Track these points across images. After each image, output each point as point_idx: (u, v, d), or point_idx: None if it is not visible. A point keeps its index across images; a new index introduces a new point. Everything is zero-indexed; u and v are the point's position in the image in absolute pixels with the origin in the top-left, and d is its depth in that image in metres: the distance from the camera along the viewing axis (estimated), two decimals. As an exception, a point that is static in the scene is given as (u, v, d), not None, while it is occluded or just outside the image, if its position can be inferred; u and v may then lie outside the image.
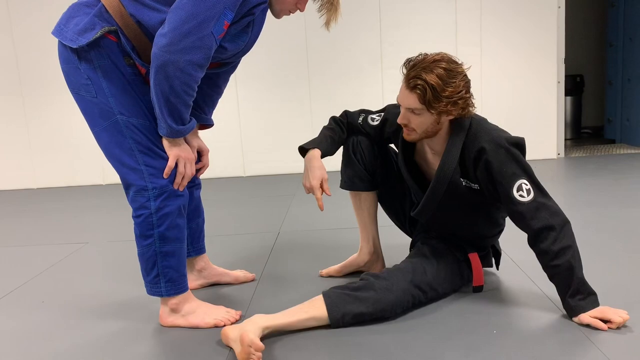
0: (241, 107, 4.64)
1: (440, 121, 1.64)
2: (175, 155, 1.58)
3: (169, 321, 1.70)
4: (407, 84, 1.60)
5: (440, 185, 1.70)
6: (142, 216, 1.58)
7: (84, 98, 1.56)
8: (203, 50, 1.44)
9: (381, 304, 1.62)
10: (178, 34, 1.41)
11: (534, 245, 1.60)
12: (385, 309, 1.63)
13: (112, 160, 1.60)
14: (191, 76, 1.46)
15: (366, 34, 4.54)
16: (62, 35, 1.53)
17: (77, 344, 1.66)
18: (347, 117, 1.97)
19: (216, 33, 1.45)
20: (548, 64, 4.58)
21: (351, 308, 1.60)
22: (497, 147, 1.59)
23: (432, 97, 1.56)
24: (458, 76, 1.57)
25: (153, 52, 1.44)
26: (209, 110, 1.85)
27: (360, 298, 1.61)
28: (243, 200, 3.73)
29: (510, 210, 1.61)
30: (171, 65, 1.42)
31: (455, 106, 1.58)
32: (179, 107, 1.50)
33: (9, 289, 2.17)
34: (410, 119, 1.65)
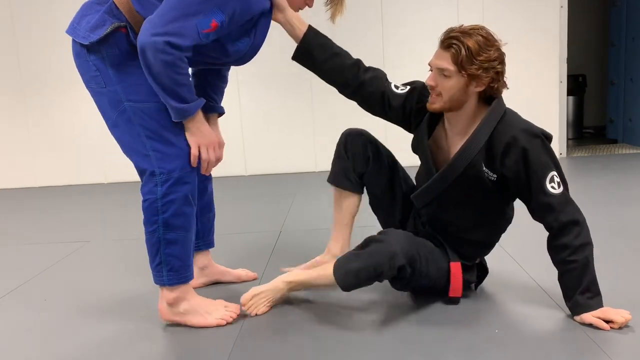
0: (243, 106, 4.63)
1: (469, 90, 1.60)
2: (195, 143, 1.60)
3: (168, 316, 1.70)
4: (443, 44, 1.61)
5: (459, 164, 1.63)
6: (148, 201, 1.60)
7: (96, 90, 1.60)
8: (181, 37, 1.46)
9: (375, 258, 1.57)
10: (162, 20, 1.45)
11: (555, 238, 1.58)
12: (379, 262, 1.56)
13: (125, 149, 1.64)
14: (172, 55, 1.46)
15: (368, 33, 4.54)
16: (75, 33, 1.58)
17: (79, 343, 1.66)
18: (374, 71, 1.84)
19: (200, 27, 1.48)
20: (550, 64, 4.57)
21: (351, 265, 1.60)
22: (533, 137, 1.58)
23: (465, 58, 1.54)
24: (494, 46, 1.58)
25: (138, 36, 1.48)
26: (218, 99, 1.89)
27: (358, 254, 1.61)
28: (245, 199, 3.73)
29: (538, 201, 1.58)
30: (148, 46, 1.44)
31: (487, 73, 1.57)
32: (173, 87, 1.50)
33: (11, 288, 2.17)
34: (438, 82, 1.61)
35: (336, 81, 1.83)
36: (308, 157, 4.65)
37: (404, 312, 1.72)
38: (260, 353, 1.51)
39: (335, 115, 4.65)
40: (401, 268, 1.59)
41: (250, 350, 1.53)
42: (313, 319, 1.71)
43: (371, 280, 1.60)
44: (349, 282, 1.60)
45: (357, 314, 1.74)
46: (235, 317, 1.70)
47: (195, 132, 1.60)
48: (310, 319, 1.71)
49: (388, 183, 1.93)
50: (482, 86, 1.60)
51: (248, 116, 4.66)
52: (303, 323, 1.68)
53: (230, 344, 1.57)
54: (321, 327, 1.64)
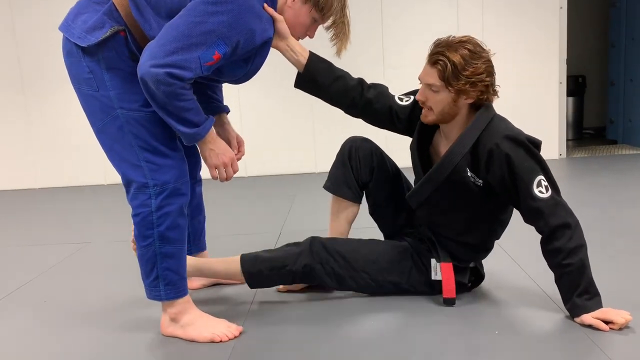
0: (243, 107, 4.63)
1: (458, 103, 1.62)
2: (212, 166, 1.58)
3: (168, 331, 1.66)
4: (430, 60, 1.62)
5: (444, 168, 1.65)
6: (141, 215, 1.54)
7: (85, 92, 1.53)
8: (184, 70, 1.41)
9: (286, 252, 1.76)
10: (164, 50, 1.40)
11: (548, 242, 1.58)
12: (287, 256, 1.76)
13: (113, 157, 1.57)
14: (174, 85, 1.41)
15: (367, 34, 4.54)
16: (70, 32, 1.50)
17: (75, 347, 1.65)
18: (377, 87, 1.85)
19: (203, 60, 1.43)
20: (550, 65, 4.57)
21: (260, 255, 1.77)
22: (517, 143, 1.59)
23: (451, 74, 1.56)
24: (481, 59, 1.59)
25: (138, 65, 1.42)
26: (220, 97, 1.88)
27: (270, 250, 1.80)
28: (245, 201, 3.73)
29: (527, 206, 1.59)
30: (150, 78, 1.40)
31: (474, 87, 1.59)
32: (180, 114, 1.46)
33: (11, 289, 2.17)
34: (428, 96, 1.64)
35: (342, 103, 1.83)
36: (308, 158, 4.65)
37: (404, 313, 1.72)
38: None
39: (335, 116, 4.64)
40: (306, 265, 1.74)
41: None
42: (309, 333, 1.67)
43: (275, 271, 1.75)
44: (256, 267, 1.75)
45: (357, 316, 1.74)
46: (232, 337, 1.61)
47: (209, 154, 1.56)
48: (305, 333, 1.68)
49: (391, 193, 1.93)
50: (472, 99, 1.62)
51: (248, 117, 4.66)
52: (298, 338, 1.66)
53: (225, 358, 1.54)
54: (317, 340, 1.63)
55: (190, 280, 2.00)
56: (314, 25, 1.68)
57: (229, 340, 1.61)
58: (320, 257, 1.75)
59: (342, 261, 1.76)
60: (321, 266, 1.75)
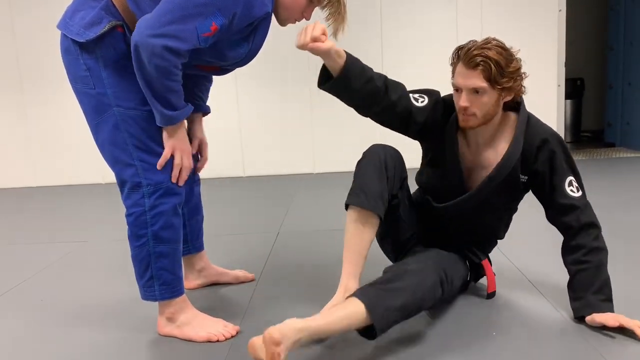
0: (241, 107, 4.63)
1: (499, 102, 1.61)
2: (171, 146, 1.54)
3: (165, 331, 1.65)
4: (468, 64, 1.55)
5: (504, 170, 1.63)
6: (134, 214, 1.54)
7: (81, 90, 1.53)
8: (180, 40, 1.40)
9: (420, 291, 1.47)
10: (159, 21, 1.39)
11: (573, 238, 1.62)
12: (424, 297, 1.48)
13: (107, 156, 1.57)
14: (168, 61, 1.41)
15: (367, 34, 4.54)
16: (68, 29, 1.50)
17: (71, 346, 1.65)
18: (397, 88, 1.71)
19: (200, 31, 1.42)
20: (548, 67, 4.58)
21: (391, 302, 1.42)
22: (560, 141, 1.65)
23: (496, 72, 1.54)
24: (513, 54, 1.60)
25: (132, 35, 1.41)
26: (205, 98, 1.87)
27: (397, 289, 1.44)
28: (243, 201, 3.72)
29: (559, 202, 1.64)
30: (143, 48, 1.39)
31: (516, 83, 1.60)
32: (164, 93, 1.46)
33: (8, 287, 2.17)
34: (472, 101, 1.57)
35: (365, 107, 1.71)
36: (306, 158, 4.65)
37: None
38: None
39: (334, 116, 4.65)
40: (442, 292, 1.57)
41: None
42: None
43: (411, 316, 1.49)
44: (390, 319, 1.41)
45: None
46: (229, 337, 1.61)
47: (172, 135, 1.54)
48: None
49: (410, 205, 1.82)
50: (511, 95, 1.63)
51: (246, 117, 4.66)
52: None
53: (222, 357, 1.54)
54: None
55: (187, 280, 1.99)
56: (310, 6, 1.65)
57: (225, 339, 1.60)
58: (442, 282, 1.56)
59: (450, 282, 1.62)
60: (441, 292, 1.57)
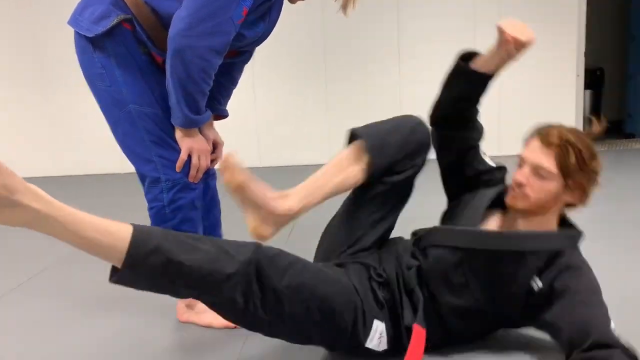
0: (257, 97, 4.65)
1: (560, 199, 1.36)
2: (188, 148, 1.55)
3: (185, 317, 1.69)
4: (545, 140, 1.33)
5: (516, 240, 1.33)
6: (155, 208, 1.58)
7: (98, 88, 1.55)
8: (221, 35, 1.41)
9: (208, 264, 1.14)
10: (196, 18, 1.38)
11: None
12: (212, 271, 1.14)
13: (127, 152, 1.60)
14: (209, 62, 1.43)
15: (383, 24, 4.52)
16: (78, 25, 1.53)
17: (94, 334, 1.69)
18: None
19: (235, 18, 1.41)
20: (567, 57, 4.52)
21: (165, 245, 1.11)
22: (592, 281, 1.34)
23: (574, 163, 1.31)
24: (598, 154, 1.36)
25: (170, 35, 1.41)
26: (224, 101, 1.82)
27: (194, 246, 1.15)
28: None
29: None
30: (188, 50, 1.39)
31: (589, 186, 1.35)
32: (195, 95, 1.47)
33: (31, 274, 2.22)
34: (531, 181, 1.34)
35: (455, 109, 1.52)
36: (322, 148, 4.66)
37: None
38: (269, 356, 1.50)
39: (350, 107, 4.65)
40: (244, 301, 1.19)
41: (260, 352, 1.52)
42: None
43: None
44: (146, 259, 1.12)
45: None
46: None
47: (188, 135, 1.55)
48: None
49: (399, 198, 1.55)
50: (574, 199, 1.37)
51: (262, 108, 4.67)
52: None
53: (240, 344, 1.56)
54: None
55: None
56: None
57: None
58: (248, 284, 1.19)
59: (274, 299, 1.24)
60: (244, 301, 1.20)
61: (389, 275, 1.40)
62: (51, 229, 1.05)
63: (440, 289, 1.36)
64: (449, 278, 1.36)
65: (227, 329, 1.62)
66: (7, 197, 0.95)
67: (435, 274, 1.37)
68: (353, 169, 1.44)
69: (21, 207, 0.98)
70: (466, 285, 1.34)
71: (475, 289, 1.34)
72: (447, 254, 1.37)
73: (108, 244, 1.08)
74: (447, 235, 1.40)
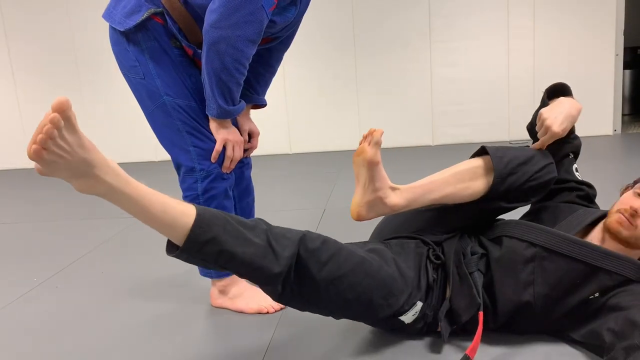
0: (287, 85, 4.65)
1: None
2: (222, 139, 1.57)
3: (218, 302, 1.73)
4: None
5: (584, 252, 1.29)
6: (189, 197, 1.60)
7: (133, 80, 1.58)
8: (254, 24, 1.42)
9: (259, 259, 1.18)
10: (228, 9, 1.39)
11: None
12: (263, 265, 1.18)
13: (163, 141, 1.63)
14: (243, 52, 1.44)
15: (414, 7, 4.45)
16: (112, 18, 1.56)
17: (131, 318, 1.73)
18: None
19: (267, 6, 1.42)
20: (606, 36, 4.37)
21: (225, 239, 1.16)
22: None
23: None
24: None
25: (204, 29, 1.43)
26: (261, 90, 1.82)
27: (248, 239, 1.18)
28: (289, 177, 3.77)
29: None
30: (223, 41, 1.41)
31: None
32: (230, 86, 1.49)
33: (69, 261, 2.29)
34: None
35: None
36: (352, 135, 4.65)
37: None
38: (300, 341, 1.50)
39: (380, 93, 4.61)
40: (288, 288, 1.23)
41: (291, 337, 1.52)
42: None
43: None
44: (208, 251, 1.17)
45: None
46: (278, 309, 1.66)
47: (222, 126, 1.57)
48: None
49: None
50: None
51: (293, 95, 4.68)
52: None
53: (272, 330, 1.57)
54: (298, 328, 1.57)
55: None
56: None
57: (275, 311, 1.66)
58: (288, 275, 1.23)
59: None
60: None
61: (447, 258, 1.42)
62: (122, 202, 1.15)
63: (504, 280, 1.35)
64: (517, 271, 1.34)
65: (259, 315, 1.65)
66: (86, 169, 1.06)
67: (505, 263, 1.36)
68: (474, 184, 1.42)
69: (97, 179, 1.08)
70: (532, 282, 1.32)
71: (538, 289, 1.32)
72: (522, 247, 1.35)
73: (171, 226, 1.14)
74: (529, 230, 1.38)
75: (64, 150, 0.99)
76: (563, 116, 1.45)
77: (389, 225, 1.59)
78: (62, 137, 0.98)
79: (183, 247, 1.15)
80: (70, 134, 1.00)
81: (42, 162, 0.99)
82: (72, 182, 1.08)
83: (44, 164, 0.99)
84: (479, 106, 4.54)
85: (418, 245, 1.46)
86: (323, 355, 1.41)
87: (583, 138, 1.65)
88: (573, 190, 1.55)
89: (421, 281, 1.39)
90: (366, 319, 1.40)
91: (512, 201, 1.44)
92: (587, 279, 1.30)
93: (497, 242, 1.42)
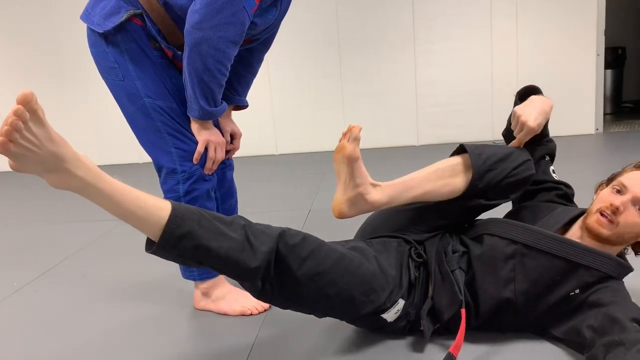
0: (273, 85, 4.65)
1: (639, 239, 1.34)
2: (204, 140, 1.57)
3: (201, 305, 1.71)
4: None
5: (564, 248, 1.31)
6: (171, 199, 1.55)
7: (112, 82, 1.57)
8: (236, 26, 1.42)
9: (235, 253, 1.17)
10: (210, 10, 1.39)
11: None
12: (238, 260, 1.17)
13: (144, 143, 1.61)
14: (225, 53, 1.44)
15: (398, 10, 4.47)
16: (90, 20, 1.54)
17: (114, 320, 1.72)
18: None
19: (248, 8, 1.42)
20: (587, 36, 4.42)
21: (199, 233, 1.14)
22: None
23: None
24: None
25: (186, 30, 1.43)
26: (242, 91, 1.81)
27: (224, 233, 1.17)
28: (275, 178, 3.76)
29: None
30: (205, 42, 1.41)
31: None
32: (212, 87, 1.48)
33: (51, 264, 2.27)
34: (628, 213, 1.30)
35: None
36: (338, 135, 4.63)
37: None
38: (284, 342, 1.50)
39: (365, 94, 4.62)
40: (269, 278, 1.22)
41: (274, 338, 1.52)
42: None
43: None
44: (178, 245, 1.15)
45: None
46: (262, 311, 1.66)
47: (204, 127, 1.56)
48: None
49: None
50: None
51: (278, 96, 4.67)
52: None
53: (255, 331, 1.57)
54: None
55: None
56: None
57: (259, 313, 1.66)
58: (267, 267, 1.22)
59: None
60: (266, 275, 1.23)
61: (429, 256, 1.43)
62: (95, 197, 1.14)
63: (485, 277, 1.36)
64: (497, 268, 1.35)
65: (242, 317, 1.64)
66: (57, 164, 1.04)
67: (486, 260, 1.37)
68: (454, 181, 1.42)
69: (69, 173, 1.07)
70: (512, 279, 1.33)
71: (519, 285, 1.33)
72: (503, 244, 1.36)
73: (145, 221, 1.14)
74: (510, 227, 1.39)
75: (31, 143, 0.99)
76: (537, 112, 1.48)
77: (371, 225, 1.59)
78: (29, 130, 0.98)
79: (159, 242, 1.14)
80: (38, 127, 0.99)
81: (11, 155, 0.99)
82: (45, 177, 1.07)
83: (14, 157, 0.99)
84: (463, 107, 4.57)
85: (400, 244, 1.47)
86: (306, 355, 1.41)
87: (565, 137, 1.67)
88: (552, 190, 1.57)
89: (403, 279, 1.39)
90: (348, 316, 1.39)
91: (491, 198, 1.45)
92: (567, 275, 1.31)
93: (478, 240, 1.43)
